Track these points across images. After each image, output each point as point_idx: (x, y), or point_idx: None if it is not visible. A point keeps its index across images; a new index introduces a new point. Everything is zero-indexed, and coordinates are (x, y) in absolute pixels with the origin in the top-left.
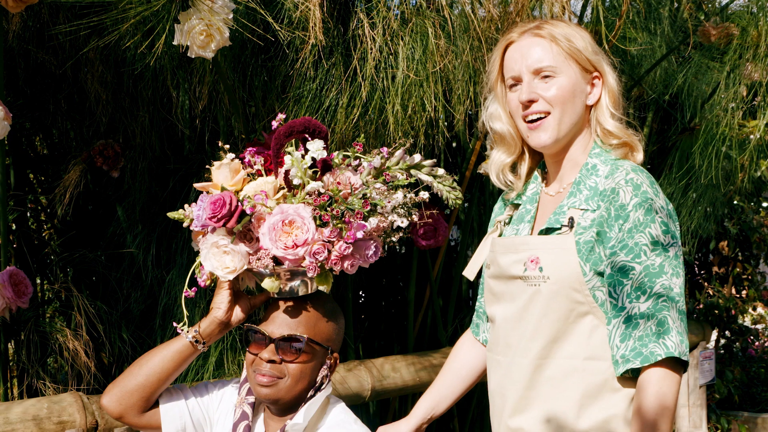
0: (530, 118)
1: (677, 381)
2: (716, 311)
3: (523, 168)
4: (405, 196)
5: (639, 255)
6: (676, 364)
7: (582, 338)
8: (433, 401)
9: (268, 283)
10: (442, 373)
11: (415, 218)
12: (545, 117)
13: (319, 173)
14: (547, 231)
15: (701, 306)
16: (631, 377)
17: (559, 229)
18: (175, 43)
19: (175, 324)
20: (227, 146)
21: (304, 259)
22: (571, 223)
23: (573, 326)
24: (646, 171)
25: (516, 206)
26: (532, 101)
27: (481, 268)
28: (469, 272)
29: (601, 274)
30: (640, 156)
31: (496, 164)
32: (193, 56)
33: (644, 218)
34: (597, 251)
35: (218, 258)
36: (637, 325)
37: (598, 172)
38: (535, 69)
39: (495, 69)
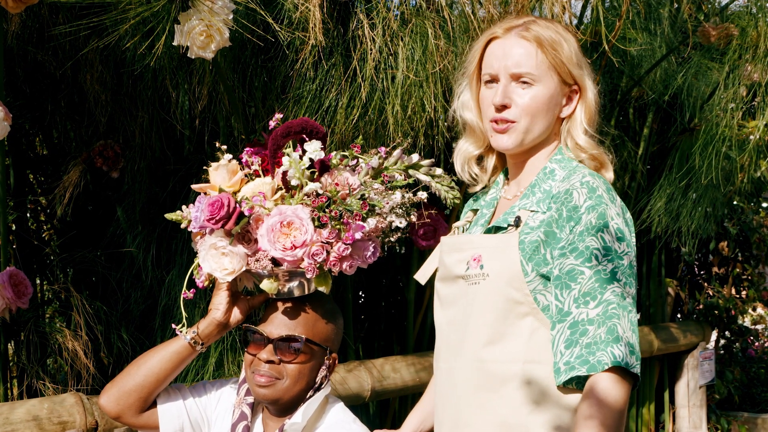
0: (499, 123)
1: (626, 391)
2: (716, 312)
3: (490, 162)
4: (403, 196)
5: (590, 259)
6: (625, 374)
7: (521, 340)
8: (422, 415)
9: (266, 284)
10: (429, 387)
11: (414, 218)
12: (514, 123)
13: (317, 174)
14: (496, 230)
15: (701, 306)
16: (574, 388)
17: (506, 228)
18: (174, 43)
19: (174, 325)
20: (224, 147)
21: (302, 260)
22: (517, 222)
23: (512, 328)
24: (604, 178)
25: (476, 212)
26: (505, 106)
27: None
28: (421, 276)
29: (545, 276)
30: (610, 175)
31: (463, 154)
32: (193, 57)
33: (597, 222)
34: (542, 252)
35: (216, 259)
36: (586, 331)
37: (555, 177)
38: (514, 73)
39: (474, 61)
